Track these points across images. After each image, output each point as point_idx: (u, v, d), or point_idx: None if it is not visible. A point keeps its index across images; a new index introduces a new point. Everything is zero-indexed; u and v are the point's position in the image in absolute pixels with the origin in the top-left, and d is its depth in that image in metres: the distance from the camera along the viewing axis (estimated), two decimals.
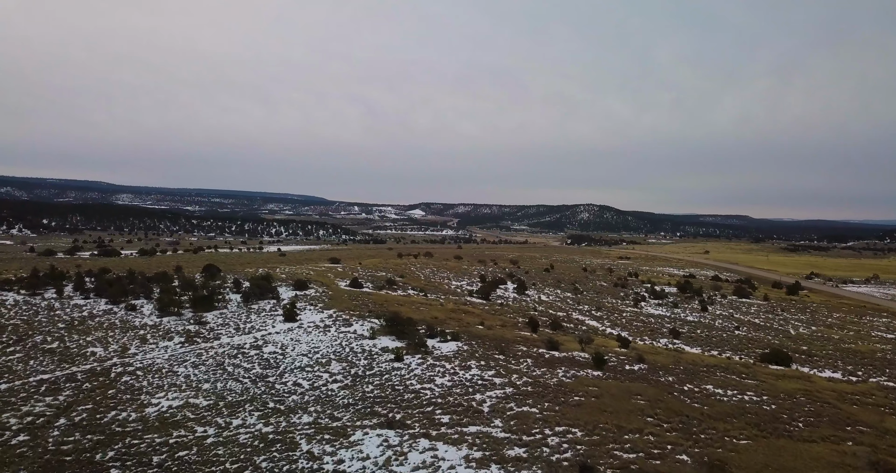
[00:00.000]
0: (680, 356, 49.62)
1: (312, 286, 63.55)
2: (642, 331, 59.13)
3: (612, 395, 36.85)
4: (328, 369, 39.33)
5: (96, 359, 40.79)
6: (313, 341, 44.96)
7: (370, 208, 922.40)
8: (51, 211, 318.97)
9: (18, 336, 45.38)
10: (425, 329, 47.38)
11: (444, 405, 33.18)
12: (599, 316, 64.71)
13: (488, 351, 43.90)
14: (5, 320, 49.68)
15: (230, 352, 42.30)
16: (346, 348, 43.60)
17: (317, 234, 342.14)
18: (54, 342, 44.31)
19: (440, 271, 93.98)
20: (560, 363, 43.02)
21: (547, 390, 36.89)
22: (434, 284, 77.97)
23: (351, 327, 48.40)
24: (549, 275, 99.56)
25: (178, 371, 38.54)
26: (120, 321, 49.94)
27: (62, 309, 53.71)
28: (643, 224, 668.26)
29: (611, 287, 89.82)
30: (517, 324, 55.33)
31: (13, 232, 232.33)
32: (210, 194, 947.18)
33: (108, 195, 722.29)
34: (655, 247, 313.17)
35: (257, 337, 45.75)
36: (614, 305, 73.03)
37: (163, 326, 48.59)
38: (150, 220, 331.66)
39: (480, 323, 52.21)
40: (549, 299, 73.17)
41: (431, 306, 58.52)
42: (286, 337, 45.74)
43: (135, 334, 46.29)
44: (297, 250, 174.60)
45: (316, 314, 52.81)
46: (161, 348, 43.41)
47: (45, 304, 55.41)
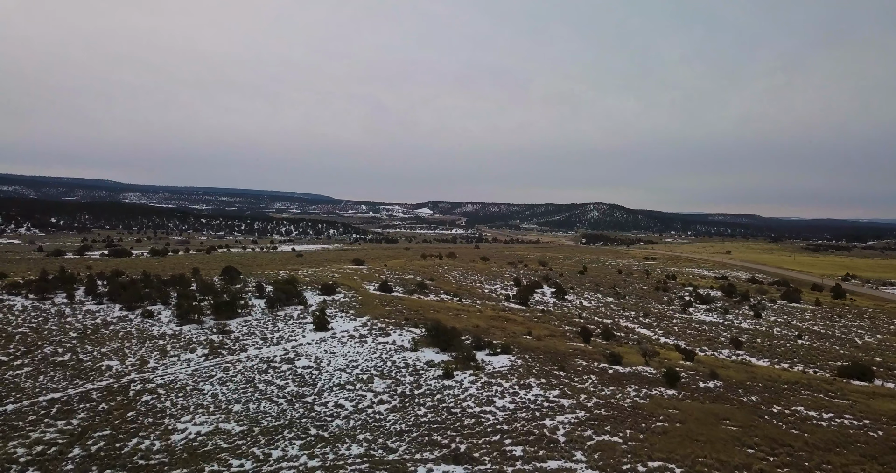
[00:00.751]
0: (751, 370, 45.15)
1: (340, 291, 59.55)
2: (699, 340, 54.65)
3: (697, 420, 32.46)
4: (371, 387, 35.23)
5: (112, 374, 36.97)
6: (350, 353, 40.92)
7: (378, 207, 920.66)
8: (59, 210, 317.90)
9: (27, 347, 41.69)
10: (471, 340, 43.19)
11: (511, 434, 28.98)
12: (649, 324, 60.27)
13: (545, 366, 39.65)
14: (13, 328, 46.05)
15: (260, 366, 38.33)
16: (388, 362, 39.49)
17: (327, 233, 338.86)
18: (66, 353, 40.58)
19: (470, 273, 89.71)
20: (627, 380, 38.69)
21: (622, 413, 32.54)
22: (466, 288, 73.78)
23: (389, 337, 44.30)
24: (584, 278, 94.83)
25: (204, 389, 34.62)
26: (136, 330, 46.15)
27: (74, 316, 50.04)
28: (653, 223, 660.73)
29: (652, 291, 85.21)
30: (566, 333, 51.03)
31: (21, 231, 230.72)
32: (217, 192, 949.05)
33: (115, 194, 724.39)
34: (674, 247, 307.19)
35: (287, 349, 41.77)
36: (661, 311, 68.52)
37: (183, 335, 44.72)
38: (159, 219, 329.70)
39: (528, 333, 47.96)
40: (592, 304, 68.79)
41: (469, 312, 54.36)
42: (319, 349, 41.71)
43: (153, 344, 42.46)
44: (311, 249, 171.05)
45: (348, 321, 48.76)
46: (183, 361, 39.52)
47: (55, 310, 51.77)
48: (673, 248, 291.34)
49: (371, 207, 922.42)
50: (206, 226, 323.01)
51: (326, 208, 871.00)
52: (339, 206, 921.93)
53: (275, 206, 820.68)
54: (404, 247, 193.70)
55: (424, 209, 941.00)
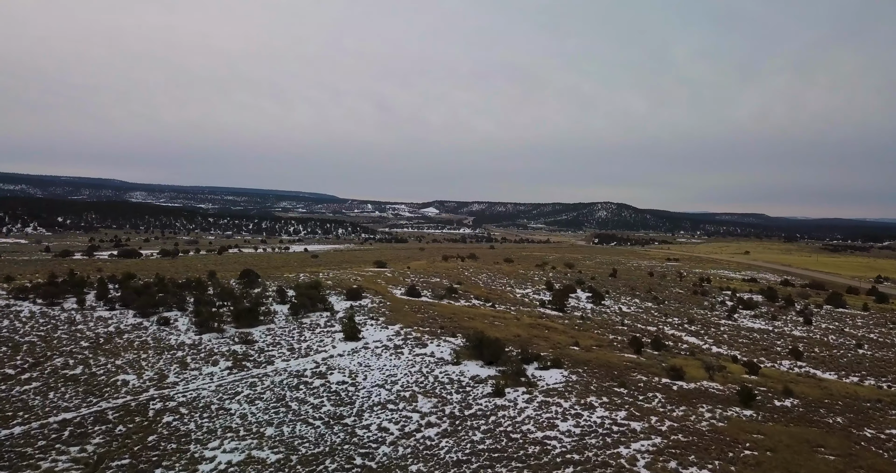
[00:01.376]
0: (823, 386, 41.43)
1: (367, 295, 56.23)
2: (753, 350, 50.93)
3: (788, 447, 28.84)
4: (415, 406, 31.82)
5: (129, 390, 33.76)
6: (386, 367, 37.54)
7: (383, 206, 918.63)
8: (66, 209, 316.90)
9: (35, 359, 38.60)
10: (517, 352, 39.73)
11: (585, 466, 25.53)
12: (696, 331, 56.59)
13: (603, 382, 36.11)
14: (20, 336, 43.02)
15: (290, 382, 35.01)
16: (429, 377, 36.08)
17: (336, 233, 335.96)
18: (77, 366, 37.45)
19: (497, 276, 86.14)
20: (695, 398, 35.09)
21: (703, 439, 28.96)
22: (497, 292, 70.30)
23: (426, 348, 40.91)
24: (616, 281, 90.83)
25: (231, 409, 31.34)
26: (153, 339, 42.98)
27: (85, 323, 46.96)
28: (662, 223, 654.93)
29: (690, 295, 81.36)
30: (613, 343, 47.47)
31: (28, 230, 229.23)
32: (222, 191, 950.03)
33: (121, 193, 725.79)
34: (690, 247, 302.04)
35: (318, 361, 38.43)
36: (705, 317, 64.83)
37: (203, 345, 41.50)
38: (166, 218, 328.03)
39: (574, 343, 44.44)
40: (631, 310, 65.17)
41: (506, 320, 50.94)
42: (352, 361, 38.36)
43: (172, 356, 39.25)
44: (323, 249, 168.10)
45: (380, 330, 45.40)
46: (205, 375, 36.27)
47: (64, 316, 48.71)
48: (689, 248, 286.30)
49: (377, 206, 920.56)
50: (213, 225, 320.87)
51: (332, 207, 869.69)
52: (344, 205, 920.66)
53: (280, 205, 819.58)
54: (419, 248, 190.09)
55: (430, 209, 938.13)
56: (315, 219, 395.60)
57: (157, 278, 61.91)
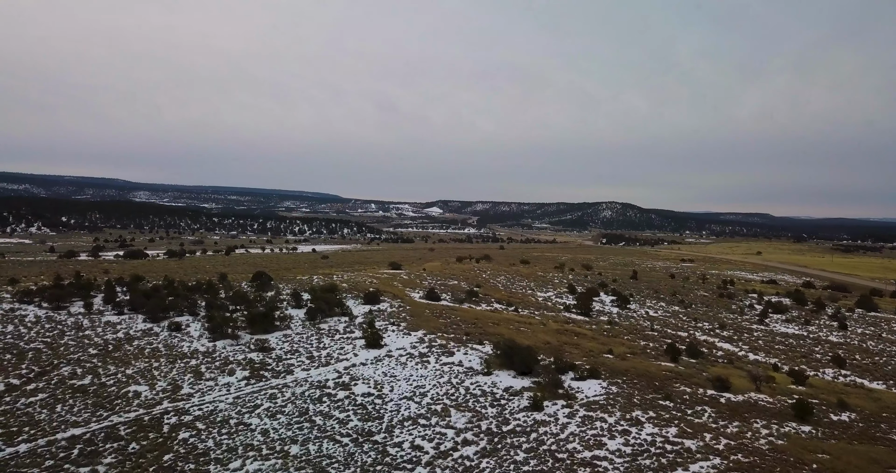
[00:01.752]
0: (876, 397, 39.10)
1: (385, 299, 54.14)
2: (792, 357, 48.60)
3: (858, 468, 26.60)
4: (449, 421, 29.66)
5: (141, 403, 31.71)
6: (413, 377, 35.40)
7: (387, 206, 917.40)
8: (70, 209, 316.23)
9: (41, 367, 36.62)
10: (550, 361, 37.55)
11: None
12: (729, 337, 54.26)
13: (646, 395, 33.87)
14: (25, 343, 41.09)
15: (312, 394, 32.91)
16: (460, 388, 33.92)
17: (341, 232, 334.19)
18: (86, 375, 35.44)
19: (516, 278, 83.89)
20: (746, 411, 32.83)
21: (765, 460, 26.70)
22: (518, 295, 68.11)
23: (453, 356, 38.75)
24: (638, 283, 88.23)
25: (251, 424, 29.25)
26: (164, 346, 40.97)
27: (92, 329, 45.01)
28: (667, 223, 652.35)
29: (716, 298, 78.90)
30: (646, 350, 45.23)
31: (32, 230, 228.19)
32: (226, 191, 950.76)
33: (125, 192, 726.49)
34: (700, 247, 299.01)
35: (340, 371, 36.32)
36: (735, 321, 62.49)
37: (218, 353, 39.44)
38: (171, 218, 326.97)
39: (607, 351, 42.23)
40: (658, 314, 62.90)
41: (532, 325, 48.78)
42: (376, 371, 36.24)
43: (185, 365, 37.19)
44: (331, 250, 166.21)
45: (402, 336, 43.27)
46: (222, 386, 34.20)
47: (71, 321, 46.78)
48: (699, 249, 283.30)
49: (381, 206, 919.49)
50: (217, 225, 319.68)
51: (336, 206, 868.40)
52: (348, 204, 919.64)
53: (284, 204, 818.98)
54: (428, 248, 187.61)
55: (434, 208, 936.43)
56: (320, 219, 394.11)
57: (166, 281, 60.01)
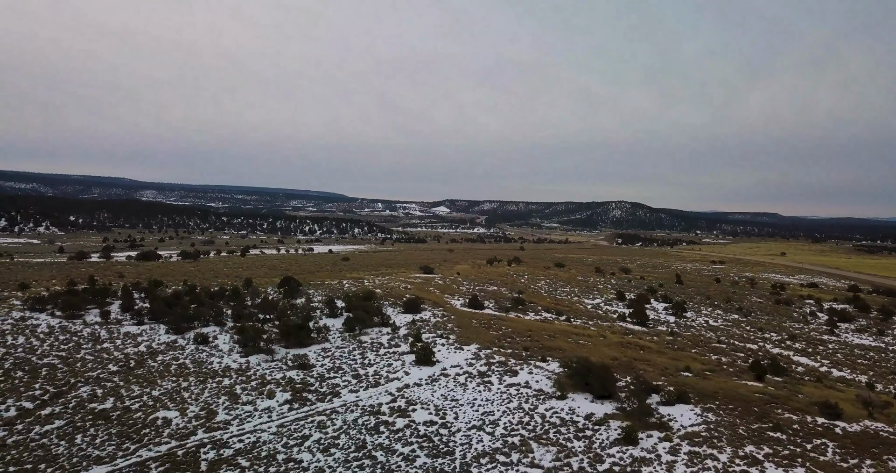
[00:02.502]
0: None
1: (426, 308, 50.07)
2: (881, 373, 44.09)
3: None
4: (533, 459, 25.48)
5: (173, 432, 27.72)
6: (478, 401, 31.20)
7: (394, 205, 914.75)
8: (78, 208, 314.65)
9: (57, 387, 32.74)
10: (629, 381, 33.27)
11: None
12: (803, 350, 49.74)
13: (750, 424, 29.49)
14: (38, 358, 37.28)
15: (367, 422, 28.78)
16: (534, 416, 29.69)
17: (352, 232, 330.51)
18: (107, 397, 31.51)
19: (557, 283, 79.47)
20: (873, 446, 28.31)
21: None
22: (565, 303, 63.81)
23: (517, 375, 34.54)
24: (685, 288, 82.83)
25: (301, 460, 25.21)
26: (192, 362, 37.02)
27: (111, 341, 41.16)
28: (677, 222, 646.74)
29: (773, 305, 74.19)
30: (722, 366, 40.86)
31: (40, 230, 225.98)
32: (232, 190, 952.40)
33: (132, 191, 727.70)
34: (718, 247, 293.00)
35: (393, 393, 32.18)
36: (802, 331, 57.93)
37: (252, 371, 35.43)
38: (179, 217, 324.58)
39: (684, 368, 37.91)
40: (718, 323, 58.44)
41: (591, 338, 44.53)
42: (434, 394, 32.07)
43: (218, 385, 33.18)
44: (346, 250, 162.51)
45: (454, 351, 39.11)
46: (262, 411, 30.14)
47: (87, 332, 42.97)
48: (719, 249, 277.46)
49: (388, 205, 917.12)
50: (227, 225, 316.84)
51: (343, 206, 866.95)
52: (354, 204, 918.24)
53: (291, 204, 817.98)
54: (446, 249, 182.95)
55: (441, 207, 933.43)
56: (330, 218, 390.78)
57: (186, 286, 56.20)
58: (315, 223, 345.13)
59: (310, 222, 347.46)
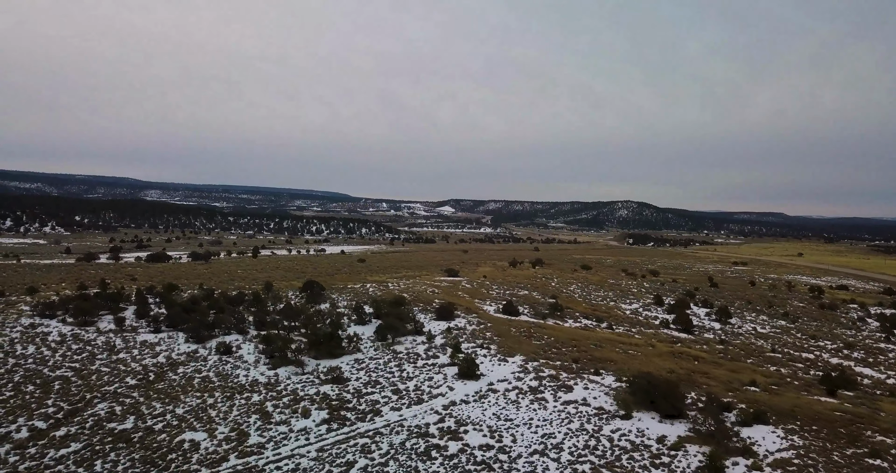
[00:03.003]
0: None
1: (459, 314, 47.30)
2: None
3: None
4: None
5: (202, 458, 25.00)
6: (535, 421, 28.35)
7: (399, 205, 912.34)
8: (83, 208, 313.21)
9: (71, 403, 30.09)
10: (695, 398, 30.38)
11: None
12: (863, 359, 46.67)
13: (843, 449, 26.56)
14: (50, 369, 34.68)
15: (415, 446, 25.98)
16: (601, 438, 26.81)
17: (359, 232, 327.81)
18: (127, 416, 28.83)
19: (588, 287, 76.35)
20: None
21: None
22: (602, 308, 60.87)
23: (572, 391, 31.68)
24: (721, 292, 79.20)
25: None
26: (216, 375, 34.33)
27: (127, 350, 38.53)
28: (684, 222, 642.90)
29: (817, 309, 71.03)
30: (786, 379, 37.88)
31: (46, 230, 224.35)
32: (236, 190, 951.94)
33: (136, 191, 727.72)
34: (732, 248, 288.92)
35: (439, 411, 29.37)
36: (856, 338, 54.85)
37: (283, 385, 32.69)
38: (185, 217, 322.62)
39: (750, 382, 34.95)
40: (766, 330, 55.42)
41: (639, 347, 41.67)
42: (485, 412, 29.24)
43: (247, 401, 30.44)
44: (357, 250, 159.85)
45: (498, 363, 36.29)
46: (298, 433, 27.39)
47: (102, 341, 40.36)
48: (733, 249, 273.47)
49: (392, 205, 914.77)
50: (233, 225, 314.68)
51: (347, 206, 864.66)
52: (359, 203, 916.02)
53: (295, 203, 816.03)
54: (460, 249, 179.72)
55: (446, 207, 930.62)
56: (336, 218, 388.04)
57: (203, 291, 53.54)
58: (322, 223, 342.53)
59: (317, 222, 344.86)
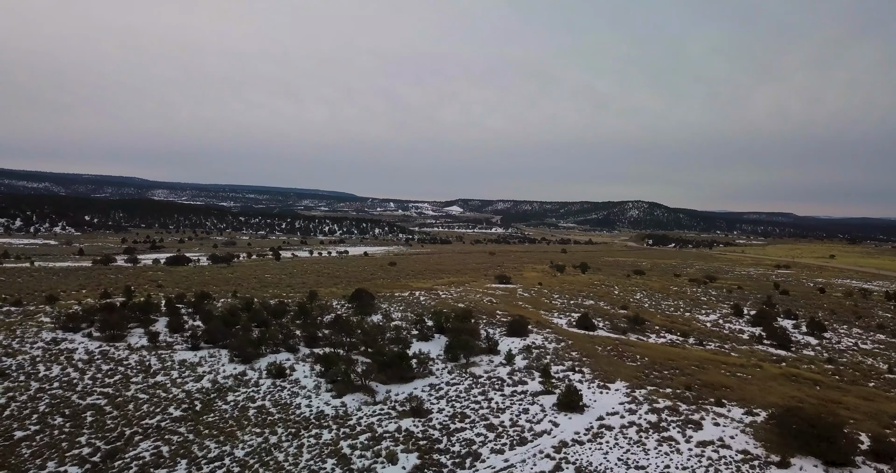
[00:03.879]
0: None
1: (532, 328, 42.41)
2: None
3: None
4: None
5: None
6: (671, 469, 23.25)
7: (406, 205, 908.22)
8: (92, 207, 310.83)
9: (108, 441, 25.39)
10: (855, 438, 25.25)
11: None
12: None
13: None
14: (79, 395, 30.07)
15: None
16: None
17: (372, 232, 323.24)
18: (177, 459, 24.06)
19: (656, 295, 70.64)
20: None
21: None
22: (678, 320, 55.62)
23: (702, 429, 26.61)
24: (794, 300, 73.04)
25: None
26: (273, 404, 29.51)
27: (165, 372, 33.83)
28: (696, 222, 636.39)
29: None
30: None
31: (56, 230, 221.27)
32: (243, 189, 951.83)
33: (143, 190, 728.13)
34: (757, 249, 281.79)
35: (552, 455, 24.39)
36: None
37: (354, 419, 27.79)
38: (196, 217, 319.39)
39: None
40: (868, 345, 49.93)
41: (743, 367, 36.53)
42: (607, 456, 24.23)
43: (317, 441, 25.59)
44: (376, 252, 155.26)
45: (598, 391, 31.29)
46: None
47: (135, 360, 35.73)
48: (760, 250, 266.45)
49: (399, 204, 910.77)
50: (244, 225, 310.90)
51: (355, 205, 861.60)
52: (366, 203, 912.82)
53: (302, 203, 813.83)
54: (487, 251, 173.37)
55: (454, 207, 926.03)
56: (349, 218, 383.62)
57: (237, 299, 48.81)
58: (335, 223, 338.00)
59: (329, 222, 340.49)
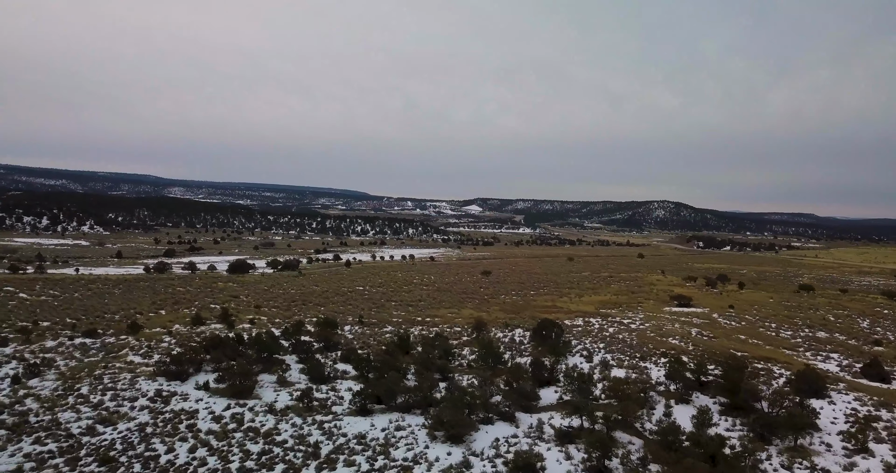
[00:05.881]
0: None
1: (828, 386, 30.97)
2: None
3: None
4: None
5: None
6: None
7: (424, 204, 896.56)
8: (115, 206, 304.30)
9: None
10: None
11: None
12: None
13: None
14: None
15: None
16: None
17: (406, 232, 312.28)
18: None
19: (865, 318, 58.14)
20: None
21: None
22: None
23: None
24: None
25: None
26: None
27: (346, 458, 22.74)
28: (724, 223, 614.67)
29: None
30: None
31: (84, 229, 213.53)
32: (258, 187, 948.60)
33: (159, 188, 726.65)
34: (822, 253, 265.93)
35: None
36: None
37: None
38: (223, 216, 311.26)
39: None
40: None
41: None
42: None
43: None
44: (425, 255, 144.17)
45: None
46: None
47: (290, 434, 24.78)
48: (827, 255, 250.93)
49: (417, 203, 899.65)
50: (273, 224, 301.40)
51: (372, 204, 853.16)
52: (382, 202, 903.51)
53: (319, 202, 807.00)
54: (566, 256, 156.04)
55: (473, 206, 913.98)
56: (380, 218, 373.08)
57: (371, 328, 37.75)
58: (366, 223, 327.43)
59: (360, 222, 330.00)
